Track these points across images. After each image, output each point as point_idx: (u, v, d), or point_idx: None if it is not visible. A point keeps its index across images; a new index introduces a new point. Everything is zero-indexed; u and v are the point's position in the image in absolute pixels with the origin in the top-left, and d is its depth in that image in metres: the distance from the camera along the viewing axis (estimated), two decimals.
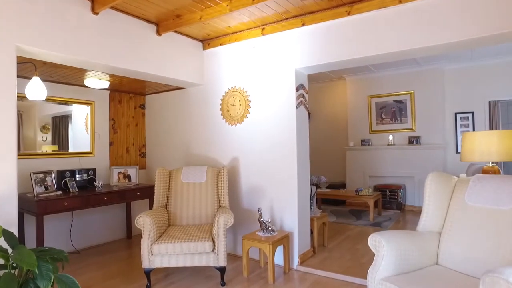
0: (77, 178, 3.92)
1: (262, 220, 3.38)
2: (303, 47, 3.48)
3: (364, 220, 5.52)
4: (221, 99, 4.12)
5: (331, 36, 3.31)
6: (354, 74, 7.02)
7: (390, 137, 6.66)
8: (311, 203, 4.02)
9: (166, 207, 3.60)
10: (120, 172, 4.42)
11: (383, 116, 6.81)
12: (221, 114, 4.12)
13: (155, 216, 3.16)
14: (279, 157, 3.64)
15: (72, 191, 3.63)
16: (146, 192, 4.27)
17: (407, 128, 6.53)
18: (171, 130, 4.68)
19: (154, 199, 3.53)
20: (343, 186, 7.16)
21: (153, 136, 4.97)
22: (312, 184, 4.06)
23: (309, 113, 3.77)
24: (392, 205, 6.27)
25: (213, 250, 3.02)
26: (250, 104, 3.88)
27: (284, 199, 3.60)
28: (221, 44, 4.08)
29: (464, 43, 2.76)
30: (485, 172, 2.73)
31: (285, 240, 3.32)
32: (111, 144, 4.68)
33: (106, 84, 4.00)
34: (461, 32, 2.66)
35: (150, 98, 5.02)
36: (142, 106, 5.08)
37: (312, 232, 3.93)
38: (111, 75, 3.71)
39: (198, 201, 3.59)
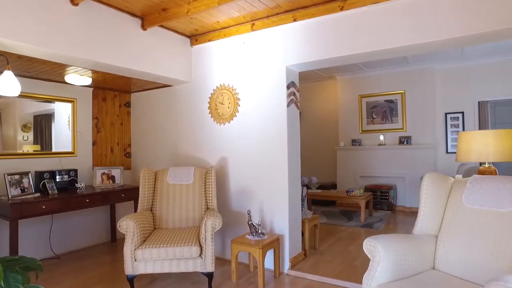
0: (57, 180, 3.72)
1: (251, 223, 3.25)
2: (295, 44, 3.36)
3: (355, 221, 5.44)
4: (210, 97, 3.97)
5: (323, 32, 3.20)
6: (345, 73, 6.95)
7: (381, 137, 6.61)
8: (302, 204, 3.91)
9: (151, 210, 3.43)
10: (103, 173, 4.23)
11: (374, 116, 6.75)
12: (210, 113, 3.97)
13: (139, 219, 3.00)
14: (269, 157, 3.52)
15: (51, 193, 3.44)
16: (131, 193, 4.10)
17: (398, 128, 6.48)
18: (157, 129, 4.52)
19: (139, 202, 3.36)
20: (334, 186, 7.08)
21: (139, 135, 4.79)
22: (303, 185, 3.95)
23: (299, 113, 3.64)
24: (383, 205, 6.21)
25: (200, 255, 2.88)
26: (239, 102, 3.74)
27: (275, 201, 3.47)
28: (209, 40, 3.93)
29: (463, 40, 2.68)
30: (481, 172, 2.65)
31: (275, 243, 3.19)
32: (94, 143, 4.48)
33: (88, 81, 3.82)
34: (461, 27, 2.58)
35: (136, 96, 4.83)
36: (128, 104, 4.90)
37: (303, 234, 3.81)
38: (93, 71, 3.53)
39: (185, 203, 3.44)
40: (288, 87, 3.46)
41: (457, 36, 2.58)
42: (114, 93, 4.73)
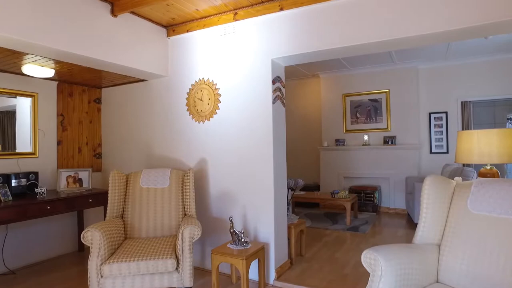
0: (13, 184, 3.29)
1: (234, 231, 2.96)
2: (281, 35, 3.10)
3: (340, 224, 5.24)
4: (188, 93, 3.65)
5: (312, 23, 2.95)
6: (329, 71, 6.76)
7: (365, 137, 6.46)
8: (288, 208, 3.65)
9: (122, 217, 3.08)
10: (69, 176, 3.81)
11: (358, 115, 6.60)
12: (187, 110, 3.65)
13: (107, 229, 2.64)
14: (253, 158, 3.23)
15: (4, 200, 3.01)
16: (101, 198, 3.71)
17: (382, 128, 6.35)
18: (131, 127, 4.14)
19: (107, 208, 3.00)
20: (317, 188, 6.88)
21: (110, 134, 4.39)
22: (289, 187, 3.69)
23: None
24: (368, 207, 6.06)
25: (177, 269, 2.56)
26: (220, 98, 3.44)
27: (259, 206, 3.19)
28: (188, 31, 3.60)
29: (460, 32, 2.49)
30: (482, 175, 2.47)
31: (260, 253, 2.91)
32: (59, 143, 4.05)
33: (50, 73, 3.40)
34: (461, 18, 2.38)
35: (107, 92, 4.43)
36: (98, 101, 4.48)
37: (289, 241, 3.55)
38: (55, 62, 3.13)
39: (160, 210, 3.11)
40: (273, 82, 3.19)
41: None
42: (82, 87, 4.31)
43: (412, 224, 5.23)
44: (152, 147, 3.91)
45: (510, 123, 6.71)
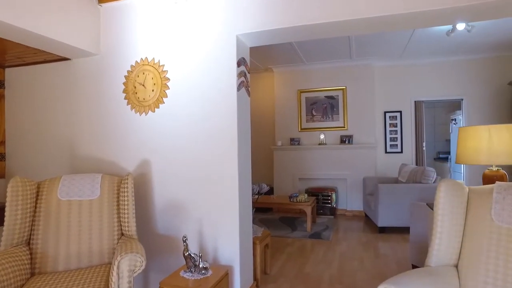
0: None
1: (188, 254, 2.27)
2: (249, 6, 2.48)
3: (300, 231, 4.79)
4: (126, 77, 2.86)
5: None
6: (283, 65, 6.31)
7: (321, 136, 6.13)
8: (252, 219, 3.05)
9: (28, 244, 2.20)
10: None
11: (314, 113, 6.24)
12: (125, 98, 2.85)
13: None
14: (212, 158, 2.57)
15: None
16: (2, 215, 2.73)
17: (338, 126, 6.07)
18: (47, 120, 3.19)
19: (4, 233, 2.10)
20: (271, 190, 6.39)
21: (17, 129, 3.36)
22: (253, 194, 3.10)
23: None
24: (326, 210, 5.72)
25: None
26: (169, 83, 2.72)
27: (220, 219, 2.54)
28: None
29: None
30: (487, 177, 2.12)
31: (223, 282, 2.26)
32: None
33: None
34: None
35: (14, 72, 3.39)
36: (0, 84, 3.43)
37: (253, 258, 2.95)
38: None
39: (87, 230, 2.29)
40: (238, 64, 2.57)
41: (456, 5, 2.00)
42: None
43: (372, 227, 4.97)
44: (77, 146, 3.03)
45: (454, 123, 6.91)
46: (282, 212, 6.11)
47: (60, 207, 2.30)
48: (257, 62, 6.18)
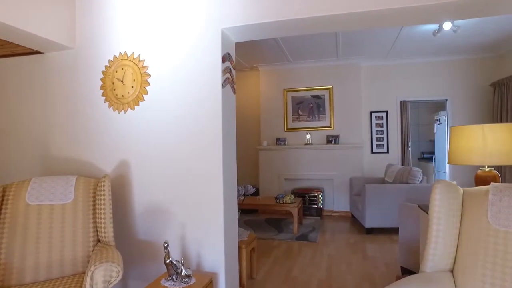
0: None
1: (170, 261, 2.13)
2: None
3: (287, 233, 4.69)
4: (104, 72, 2.68)
5: None
6: (269, 64, 6.20)
7: (308, 136, 6.05)
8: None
9: None
10: None
11: (300, 113, 6.16)
12: (103, 95, 2.68)
13: None
14: (195, 159, 2.43)
15: None
16: None
17: (325, 126, 6.01)
18: (14, 119, 2.97)
19: None
20: (256, 191, 6.27)
21: None
22: (239, 196, 2.97)
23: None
24: (312, 211, 5.64)
25: None
26: (150, 80, 2.56)
27: (204, 223, 2.40)
28: None
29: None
30: (480, 178, 2.07)
31: None
32: None
33: None
34: None
35: None
36: None
37: (239, 263, 2.82)
38: None
39: (59, 237, 2.11)
40: (223, 60, 2.44)
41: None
42: None
43: (359, 228, 4.92)
44: (49, 146, 2.83)
45: (438, 124, 6.97)
46: (268, 213, 6.00)
47: (29, 212, 2.12)
48: (243, 61, 6.05)
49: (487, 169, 2.07)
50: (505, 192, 1.64)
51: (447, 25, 4.10)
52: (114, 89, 2.65)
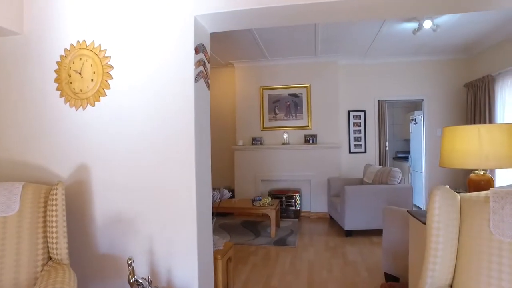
0: None
1: (135, 280, 1.85)
2: None
3: (264, 237, 4.48)
4: (58, 63, 2.34)
5: None
6: (245, 60, 5.97)
7: (285, 135, 5.87)
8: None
9: None
10: None
11: (277, 111, 5.97)
12: (58, 89, 2.34)
13: None
14: (164, 162, 2.16)
15: None
16: None
17: (302, 125, 5.85)
18: None
19: None
20: (232, 194, 6.01)
21: None
22: (214, 202, 2.72)
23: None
24: (289, 213, 5.47)
25: None
26: (112, 72, 2.26)
27: (175, 235, 2.13)
28: None
29: None
30: (474, 182, 1.93)
31: None
32: None
33: None
34: None
35: None
36: None
37: (214, 275, 2.57)
38: None
39: None
40: (196, 51, 2.18)
41: None
42: None
43: (338, 230, 4.79)
44: None
45: (414, 123, 7.00)
46: (244, 216, 5.77)
47: None
48: (218, 57, 5.78)
49: (481, 172, 1.94)
50: (507, 199, 1.49)
51: (427, 24, 4.03)
52: (71, 82, 2.32)
